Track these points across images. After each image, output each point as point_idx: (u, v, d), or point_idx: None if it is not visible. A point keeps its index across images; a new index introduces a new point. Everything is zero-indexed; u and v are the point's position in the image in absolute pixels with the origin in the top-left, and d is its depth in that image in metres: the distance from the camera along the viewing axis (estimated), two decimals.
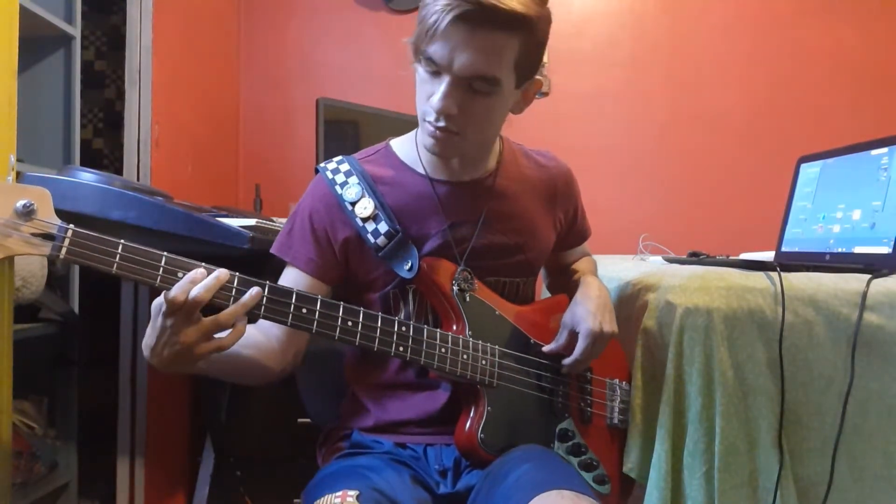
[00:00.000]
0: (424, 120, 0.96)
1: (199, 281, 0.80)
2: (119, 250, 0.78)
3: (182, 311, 0.79)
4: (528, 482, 0.88)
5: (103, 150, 2.45)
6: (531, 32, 0.91)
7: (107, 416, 1.84)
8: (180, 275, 0.81)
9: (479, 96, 0.92)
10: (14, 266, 1.10)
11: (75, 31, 1.79)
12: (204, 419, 2.05)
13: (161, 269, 0.80)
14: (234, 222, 1.29)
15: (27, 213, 0.74)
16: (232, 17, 2.61)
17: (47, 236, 0.75)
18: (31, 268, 1.44)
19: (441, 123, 0.93)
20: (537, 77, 1.01)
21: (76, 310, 1.75)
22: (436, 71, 0.91)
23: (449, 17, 0.86)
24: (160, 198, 1.32)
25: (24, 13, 1.50)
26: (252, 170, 2.62)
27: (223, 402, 1.98)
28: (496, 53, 0.89)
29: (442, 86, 0.90)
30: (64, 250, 0.75)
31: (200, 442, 1.97)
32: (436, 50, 0.89)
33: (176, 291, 0.79)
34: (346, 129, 2.06)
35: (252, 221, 1.31)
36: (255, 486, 1.94)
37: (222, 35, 2.54)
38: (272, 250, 1.07)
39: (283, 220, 1.72)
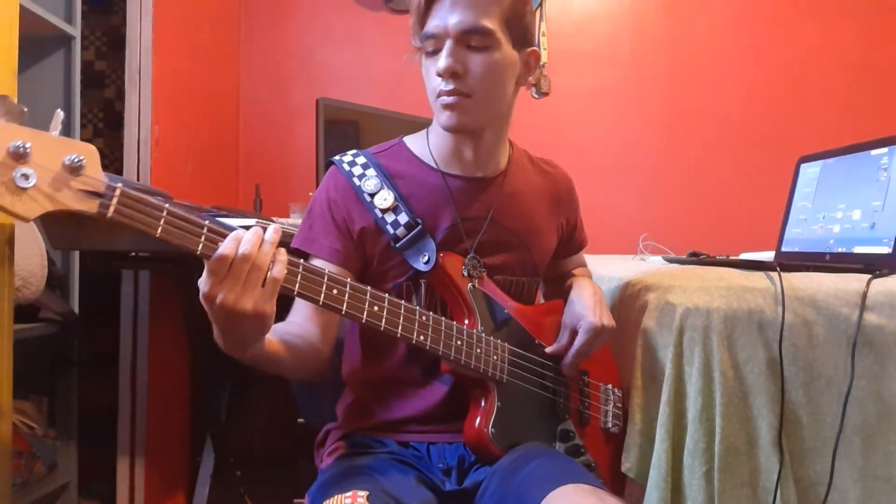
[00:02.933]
0: (437, 96, 1.00)
1: (241, 238, 0.77)
2: (164, 214, 0.75)
3: (232, 272, 0.75)
4: (544, 476, 0.89)
5: (103, 150, 2.44)
6: None
7: (107, 416, 1.84)
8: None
9: (480, 52, 0.98)
10: (14, 266, 1.10)
11: (75, 31, 1.79)
12: (204, 419, 2.05)
13: (203, 236, 0.77)
14: (234, 222, 1.29)
15: (76, 167, 0.69)
16: (232, 17, 2.61)
17: (94, 193, 0.71)
18: (32, 268, 1.43)
19: (450, 86, 0.98)
20: (534, 48, 1.06)
21: (76, 310, 1.75)
22: (436, 49, 0.98)
23: None
24: (160, 198, 1.32)
25: (24, 13, 1.50)
26: (252, 170, 2.62)
27: (223, 402, 1.98)
28: (483, 7, 0.97)
29: (444, 50, 0.97)
30: (112, 209, 0.71)
31: (200, 442, 1.97)
32: (430, 24, 0.97)
33: (223, 249, 0.75)
34: (346, 129, 2.06)
35: (252, 221, 1.31)
36: (255, 486, 1.94)
37: (222, 35, 2.54)
38: (294, 244, 1.06)
39: (284, 220, 1.73)
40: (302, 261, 0.84)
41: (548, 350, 1.08)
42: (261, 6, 2.66)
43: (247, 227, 1.19)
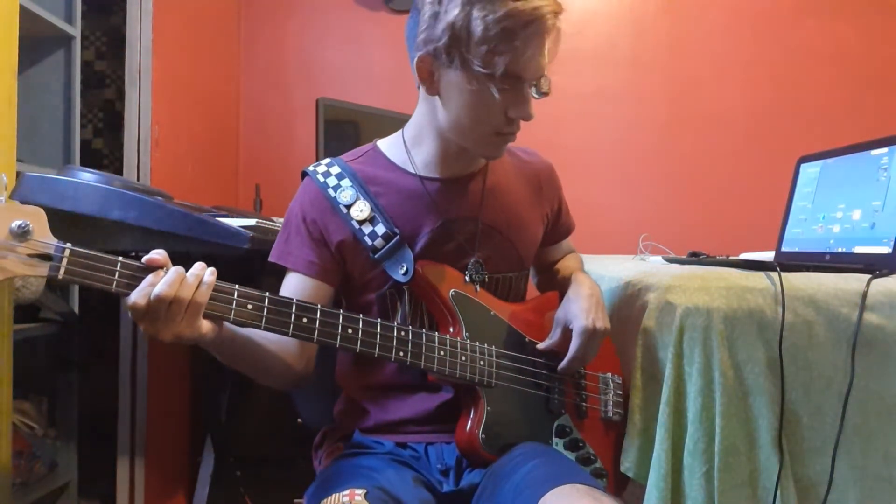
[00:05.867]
0: (497, 133, 0.99)
1: (158, 282, 0.78)
2: (118, 268, 0.77)
3: (150, 314, 0.78)
4: (540, 477, 0.88)
5: (103, 150, 2.44)
6: None
7: (107, 416, 1.84)
8: None
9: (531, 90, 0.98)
10: None
11: (75, 31, 1.79)
12: (204, 419, 2.05)
13: None
14: (234, 222, 1.29)
15: (23, 233, 0.72)
16: (232, 17, 2.61)
17: (44, 256, 0.74)
18: None
19: (516, 129, 0.99)
20: None
21: (76, 310, 1.75)
22: (511, 87, 0.95)
23: (539, 34, 0.92)
24: (160, 198, 1.32)
25: (24, 13, 1.50)
26: (252, 170, 2.62)
27: (223, 402, 1.97)
28: (556, 50, 0.98)
29: (525, 95, 0.96)
30: (62, 270, 0.74)
31: (200, 442, 1.96)
32: (527, 67, 0.94)
33: (135, 297, 0.77)
34: (346, 129, 2.06)
35: (252, 221, 1.31)
36: (255, 486, 1.94)
37: (222, 35, 2.54)
38: (271, 259, 1.06)
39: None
40: (268, 294, 0.85)
41: (539, 347, 1.08)
42: (261, 6, 2.66)
43: (247, 227, 1.19)
